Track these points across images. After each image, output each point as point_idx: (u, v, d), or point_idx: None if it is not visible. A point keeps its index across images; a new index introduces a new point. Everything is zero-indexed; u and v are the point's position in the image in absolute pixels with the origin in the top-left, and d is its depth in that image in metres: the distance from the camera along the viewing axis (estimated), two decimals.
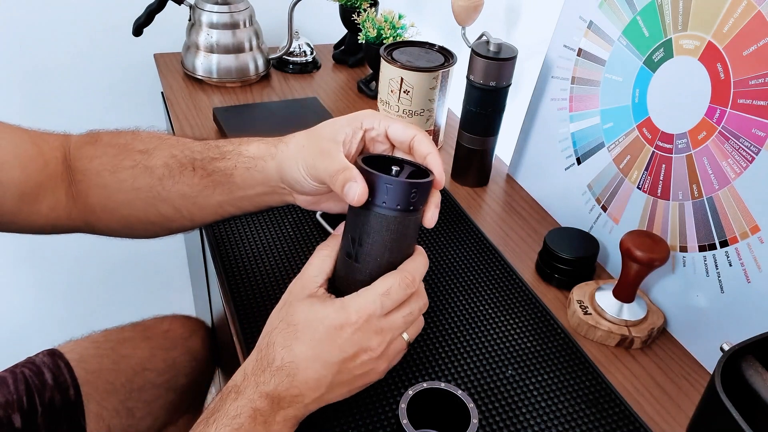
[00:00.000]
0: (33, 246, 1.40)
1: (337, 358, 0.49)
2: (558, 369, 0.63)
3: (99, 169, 0.61)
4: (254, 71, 1.12)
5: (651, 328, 0.66)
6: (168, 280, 1.60)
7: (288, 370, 0.49)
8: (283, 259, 0.73)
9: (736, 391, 0.45)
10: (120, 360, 0.85)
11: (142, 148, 0.61)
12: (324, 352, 0.49)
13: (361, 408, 0.57)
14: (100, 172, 0.61)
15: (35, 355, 0.82)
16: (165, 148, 0.61)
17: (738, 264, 0.61)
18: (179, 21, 1.12)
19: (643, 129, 0.71)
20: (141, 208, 0.62)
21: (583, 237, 0.75)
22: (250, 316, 0.65)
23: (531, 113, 0.89)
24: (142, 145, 0.61)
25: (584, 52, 0.78)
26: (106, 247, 1.47)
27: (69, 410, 0.78)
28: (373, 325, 0.50)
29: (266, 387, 0.48)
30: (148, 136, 0.62)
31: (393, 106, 0.94)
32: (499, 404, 0.58)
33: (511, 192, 0.92)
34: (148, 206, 0.62)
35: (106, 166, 0.61)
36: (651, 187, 0.70)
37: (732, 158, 0.61)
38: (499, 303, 0.70)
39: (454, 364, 0.62)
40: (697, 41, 0.64)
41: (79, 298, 1.53)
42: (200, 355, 0.96)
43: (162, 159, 0.60)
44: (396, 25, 1.06)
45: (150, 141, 0.62)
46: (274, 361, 0.49)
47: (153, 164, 0.60)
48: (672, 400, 0.62)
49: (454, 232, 0.81)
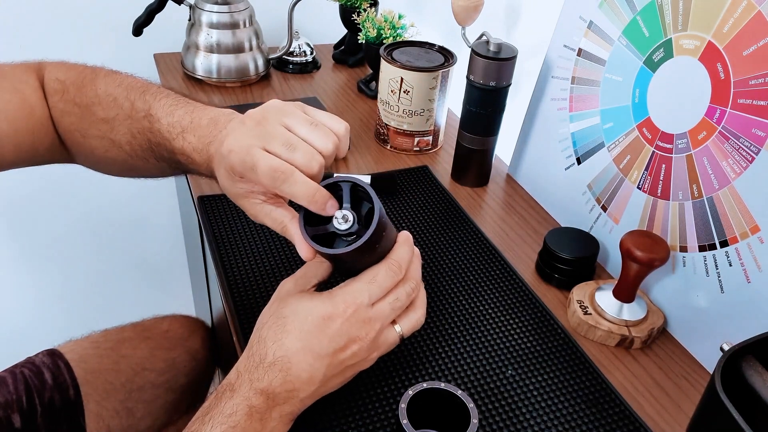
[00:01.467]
0: (33, 246, 1.40)
1: (328, 349, 0.49)
2: (558, 369, 0.63)
3: (71, 129, 0.61)
4: (254, 71, 1.12)
5: (651, 328, 0.66)
6: (168, 280, 1.60)
7: (281, 365, 0.49)
8: (283, 259, 0.73)
9: (736, 391, 0.45)
10: (120, 360, 0.85)
11: (104, 116, 0.59)
12: (314, 344, 0.49)
13: (361, 408, 0.57)
14: (72, 132, 0.61)
15: (35, 355, 0.82)
16: (123, 122, 0.59)
17: (738, 264, 0.61)
18: (179, 21, 1.12)
19: (643, 129, 0.71)
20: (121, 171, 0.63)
21: (583, 237, 0.75)
22: (250, 316, 0.65)
23: (531, 113, 0.89)
24: (103, 112, 0.59)
25: (584, 52, 0.78)
26: (107, 247, 1.47)
27: (69, 410, 0.78)
28: (362, 315, 0.50)
29: (260, 383, 0.48)
30: (106, 96, 0.60)
31: (393, 106, 0.94)
32: (499, 404, 0.58)
33: (511, 192, 0.92)
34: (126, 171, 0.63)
35: (76, 127, 0.61)
36: (651, 187, 0.70)
37: (732, 158, 0.61)
38: (499, 303, 0.70)
39: (454, 364, 0.62)
40: (697, 41, 0.64)
41: (79, 298, 1.53)
42: (200, 355, 0.96)
43: (124, 137, 0.59)
44: (396, 25, 1.06)
45: (109, 107, 0.59)
46: (266, 356, 0.49)
47: (118, 140, 0.59)
48: (672, 400, 0.62)
49: (454, 232, 0.81)
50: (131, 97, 0.59)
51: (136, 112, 0.58)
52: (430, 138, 0.97)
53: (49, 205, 1.36)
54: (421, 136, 0.96)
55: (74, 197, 1.37)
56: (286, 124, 0.51)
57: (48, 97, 0.62)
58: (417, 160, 0.97)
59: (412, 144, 0.97)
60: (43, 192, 1.33)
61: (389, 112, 0.95)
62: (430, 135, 0.97)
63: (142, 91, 0.59)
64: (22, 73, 0.61)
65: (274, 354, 0.49)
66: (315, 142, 0.51)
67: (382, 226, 0.49)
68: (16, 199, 1.32)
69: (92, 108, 0.60)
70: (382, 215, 0.49)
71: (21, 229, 1.37)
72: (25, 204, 1.34)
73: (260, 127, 0.51)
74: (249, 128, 0.51)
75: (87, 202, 1.38)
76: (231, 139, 0.51)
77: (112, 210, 1.42)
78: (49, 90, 0.62)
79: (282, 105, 0.53)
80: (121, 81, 0.61)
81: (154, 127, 0.57)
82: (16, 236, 1.38)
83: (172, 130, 0.56)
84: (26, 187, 1.31)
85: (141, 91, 0.59)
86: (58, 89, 0.61)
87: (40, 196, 1.34)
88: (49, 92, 0.62)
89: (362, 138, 1.01)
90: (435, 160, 0.97)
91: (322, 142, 0.51)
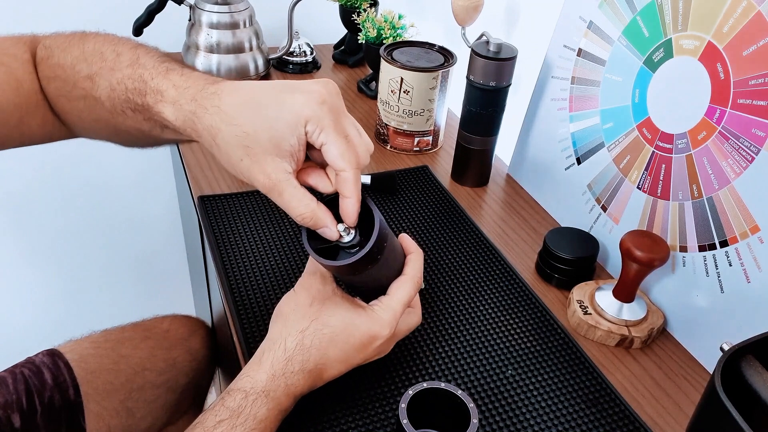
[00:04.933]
0: (33, 246, 1.40)
1: (359, 361, 0.53)
2: (558, 369, 0.63)
3: (57, 95, 0.58)
4: (254, 71, 1.12)
5: (651, 328, 0.66)
6: (168, 280, 1.60)
7: (318, 371, 0.51)
8: (283, 259, 0.73)
9: (736, 391, 0.45)
10: (120, 360, 0.85)
11: (87, 72, 0.55)
12: (352, 357, 0.52)
13: (361, 408, 0.57)
14: (59, 98, 0.58)
15: (35, 355, 0.82)
16: (105, 76, 0.55)
17: (738, 264, 0.61)
18: (179, 21, 1.12)
19: (643, 129, 0.71)
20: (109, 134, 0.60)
21: (582, 237, 0.75)
22: (250, 316, 0.65)
23: (531, 113, 0.89)
24: (87, 68, 0.55)
25: (584, 52, 0.78)
26: (107, 247, 1.47)
27: (69, 410, 0.78)
28: (393, 334, 0.54)
29: (296, 389, 0.50)
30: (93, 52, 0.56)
31: (393, 106, 0.94)
32: (499, 404, 0.58)
33: (511, 192, 0.92)
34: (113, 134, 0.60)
35: (61, 91, 0.58)
36: (651, 187, 0.70)
37: (732, 158, 0.61)
38: (499, 303, 0.70)
39: (454, 364, 0.62)
40: (696, 41, 0.64)
41: (79, 298, 1.53)
42: (200, 355, 0.96)
43: (104, 91, 0.54)
44: (396, 25, 1.06)
45: (93, 62, 0.55)
46: (308, 363, 0.50)
47: (99, 95, 0.55)
48: (672, 400, 0.62)
49: (454, 232, 0.81)
50: (118, 49, 0.55)
51: (119, 63, 0.54)
52: (430, 138, 0.97)
53: (49, 206, 1.36)
54: (421, 136, 0.96)
55: (74, 197, 1.37)
56: None
57: (37, 66, 0.59)
58: (417, 160, 0.97)
59: (412, 144, 0.97)
60: (44, 192, 1.33)
61: (389, 112, 0.95)
62: (430, 135, 0.97)
63: (133, 46, 0.56)
64: (10, 45, 0.58)
65: (317, 362, 0.51)
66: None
67: (383, 238, 0.50)
68: (16, 199, 1.32)
69: (76, 66, 0.56)
70: (383, 227, 0.50)
71: (21, 229, 1.37)
72: (26, 204, 1.34)
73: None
74: None
75: (87, 202, 1.38)
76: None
77: (113, 210, 1.42)
78: (37, 60, 0.59)
79: None
80: (113, 38, 0.57)
81: (136, 73, 0.52)
82: (16, 236, 1.38)
83: (154, 71, 0.52)
84: (26, 187, 1.31)
85: (132, 45, 0.56)
86: (44, 56, 0.58)
87: (41, 196, 1.34)
88: (38, 62, 0.58)
89: None
90: (435, 160, 0.97)
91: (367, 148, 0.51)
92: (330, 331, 0.51)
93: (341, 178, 0.48)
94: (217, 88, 0.49)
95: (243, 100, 0.47)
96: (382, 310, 0.53)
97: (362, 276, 0.52)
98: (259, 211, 0.81)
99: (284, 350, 0.50)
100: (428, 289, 0.71)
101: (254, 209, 0.81)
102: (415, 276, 0.55)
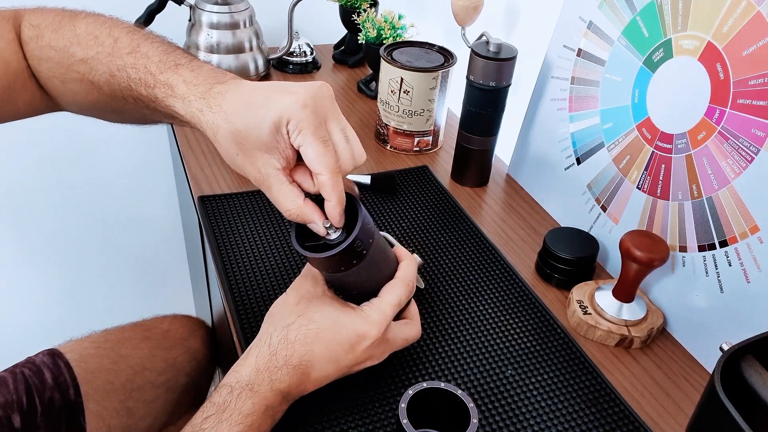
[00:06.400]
0: (33, 246, 1.40)
1: (349, 363, 0.52)
2: (558, 369, 0.63)
3: (49, 76, 0.58)
4: (254, 71, 1.12)
5: (651, 328, 0.67)
6: (168, 280, 1.60)
7: (304, 368, 0.50)
8: (283, 259, 0.73)
9: (736, 391, 0.45)
10: (120, 360, 0.85)
11: (82, 56, 0.55)
12: (341, 357, 0.52)
13: (361, 408, 0.57)
14: (51, 80, 0.58)
15: (35, 355, 0.82)
16: (103, 61, 0.55)
17: (737, 264, 0.61)
18: (179, 21, 1.12)
19: (642, 129, 0.71)
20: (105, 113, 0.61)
21: (582, 237, 0.75)
22: (250, 316, 0.65)
23: (531, 113, 0.89)
24: (81, 51, 0.55)
25: (584, 52, 0.78)
26: (107, 247, 1.47)
27: (69, 410, 0.78)
28: (385, 339, 0.54)
29: (281, 384, 0.49)
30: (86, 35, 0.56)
31: (393, 106, 0.94)
32: (499, 404, 0.58)
33: (511, 192, 0.92)
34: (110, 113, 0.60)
35: (54, 73, 0.57)
36: (650, 187, 0.70)
37: (731, 158, 0.61)
38: (499, 303, 0.70)
39: (454, 364, 0.62)
40: (696, 41, 0.64)
41: (79, 297, 1.53)
42: (200, 354, 0.96)
43: (103, 76, 0.55)
44: (396, 25, 1.06)
45: (88, 45, 0.55)
46: (292, 359, 0.50)
47: (97, 80, 0.55)
48: (672, 400, 0.62)
49: (454, 232, 0.81)
50: (114, 34, 0.55)
51: (119, 49, 0.54)
52: (430, 138, 0.97)
53: (49, 206, 1.36)
54: (421, 136, 0.96)
55: (75, 197, 1.37)
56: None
57: (24, 45, 0.58)
58: (417, 160, 0.97)
59: (412, 144, 0.97)
60: (44, 192, 1.33)
61: (389, 112, 0.95)
62: (430, 135, 0.97)
63: (129, 31, 0.56)
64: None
65: (301, 358, 0.50)
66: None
67: (367, 233, 0.50)
68: (16, 199, 1.32)
69: (70, 49, 0.56)
70: (366, 222, 0.50)
71: (21, 229, 1.37)
72: (26, 204, 1.34)
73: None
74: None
75: (87, 202, 1.38)
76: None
77: (113, 210, 1.42)
78: (24, 38, 0.58)
79: None
80: (105, 20, 0.57)
81: (139, 63, 0.53)
82: (16, 236, 1.38)
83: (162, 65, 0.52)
84: (27, 187, 1.31)
85: (127, 30, 0.56)
86: (33, 36, 0.57)
87: (41, 196, 1.34)
88: (25, 40, 0.58)
89: (362, 138, 1.00)
90: (435, 160, 0.97)
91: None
92: (316, 326, 0.51)
93: (318, 180, 0.49)
94: (222, 88, 0.50)
95: (240, 100, 0.49)
96: (371, 310, 0.53)
97: (350, 275, 0.52)
98: (259, 211, 0.81)
99: (269, 345, 0.51)
100: (428, 289, 0.71)
101: (254, 209, 0.81)
102: (406, 278, 0.55)
